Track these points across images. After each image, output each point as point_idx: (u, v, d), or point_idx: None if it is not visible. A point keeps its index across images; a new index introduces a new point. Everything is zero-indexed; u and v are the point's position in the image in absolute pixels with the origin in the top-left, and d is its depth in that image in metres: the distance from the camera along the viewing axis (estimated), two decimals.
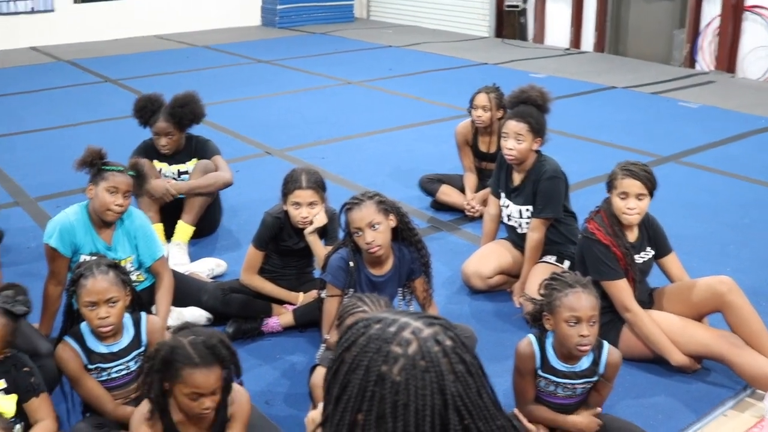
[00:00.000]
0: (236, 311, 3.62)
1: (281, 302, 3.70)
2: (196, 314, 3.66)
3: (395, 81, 9.03)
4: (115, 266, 2.80)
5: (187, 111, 4.47)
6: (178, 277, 3.65)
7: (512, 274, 3.97)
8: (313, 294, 3.64)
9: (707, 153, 6.29)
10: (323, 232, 3.66)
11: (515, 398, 2.85)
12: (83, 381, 2.76)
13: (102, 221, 3.42)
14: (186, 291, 3.65)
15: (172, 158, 4.59)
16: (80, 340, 2.78)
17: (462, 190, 5.03)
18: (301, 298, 3.69)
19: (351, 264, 3.17)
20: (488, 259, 3.99)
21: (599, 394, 2.83)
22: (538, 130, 3.79)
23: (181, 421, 2.42)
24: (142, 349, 2.86)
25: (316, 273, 3.80)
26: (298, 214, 3.53)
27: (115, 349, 2.81)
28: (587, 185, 5.37)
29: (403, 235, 3.21)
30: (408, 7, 13.43)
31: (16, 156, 6.33)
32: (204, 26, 13.19)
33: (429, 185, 5.10)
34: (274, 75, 9.53)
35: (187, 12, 13.02)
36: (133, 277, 3.55)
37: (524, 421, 2.80)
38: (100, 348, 2.79)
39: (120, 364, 2.82)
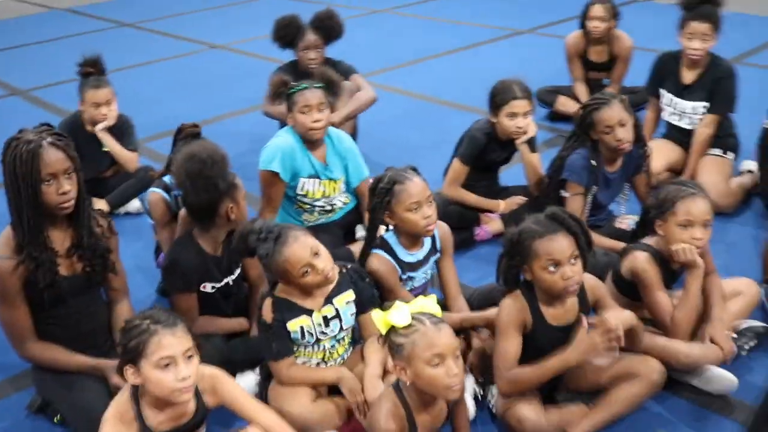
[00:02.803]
0: (455, 223, 3.71)
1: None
2: None
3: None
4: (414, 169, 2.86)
5: (334, 23, 4.57)
6: None
7: (677, 171, 4.19)
8: (517, 200, 3.79)
9: None
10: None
11: None
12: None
13: (311, 142, 3.46)
14: None
15: None
16: (390, 251, 2.84)
17: (576, 100, 5.17)
18: (503, 205, 3.83)
19: (593, 163, 3.35)
20: (657, 156, 4.15)
21: None
22: (719, 29, 3.98)
23: None
24: (438, 255, 2.97)
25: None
26: (513, 125, 3.63)
27: (420, 257, 2.90)
28: None
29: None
30: None
31: None
32: None
33: (547, 97, 5.23)
34: None
35: None
36: (342, 200, 3.66)
37: None
38: (407, 257, 2.87)
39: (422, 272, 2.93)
